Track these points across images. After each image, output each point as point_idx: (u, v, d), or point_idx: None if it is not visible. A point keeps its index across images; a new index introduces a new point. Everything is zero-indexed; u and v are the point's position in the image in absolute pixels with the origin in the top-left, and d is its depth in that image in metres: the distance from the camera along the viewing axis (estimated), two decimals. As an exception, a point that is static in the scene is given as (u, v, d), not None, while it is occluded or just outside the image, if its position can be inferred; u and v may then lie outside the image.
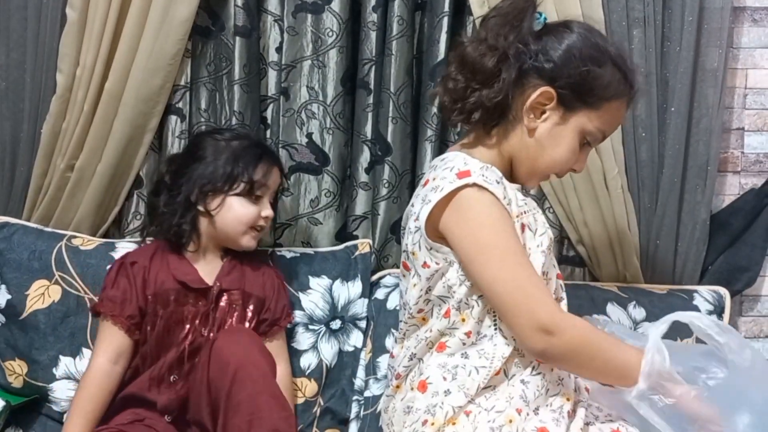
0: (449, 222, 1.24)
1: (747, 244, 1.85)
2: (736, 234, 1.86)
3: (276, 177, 1.64)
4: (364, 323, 1.74)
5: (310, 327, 1.70)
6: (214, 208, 1.56)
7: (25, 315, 1.64)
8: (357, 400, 1.69)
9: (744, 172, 1.92)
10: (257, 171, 1.57)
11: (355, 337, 1.72)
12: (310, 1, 1.81)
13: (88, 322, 1.64)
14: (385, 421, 1.36)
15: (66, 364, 1.63)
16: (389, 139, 1.81)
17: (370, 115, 1.82)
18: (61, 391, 1.63)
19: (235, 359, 1.38)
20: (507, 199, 1.25)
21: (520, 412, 1.22)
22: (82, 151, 1.74)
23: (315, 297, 1.72)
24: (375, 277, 1.80)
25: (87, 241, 1.73)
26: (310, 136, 1.85)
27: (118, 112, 1.73)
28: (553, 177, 1.75)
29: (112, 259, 1.66)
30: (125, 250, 1.68)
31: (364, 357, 1.72)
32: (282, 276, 1.68)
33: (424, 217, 1.25)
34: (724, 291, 1.80)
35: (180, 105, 1.80)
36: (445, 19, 1.77)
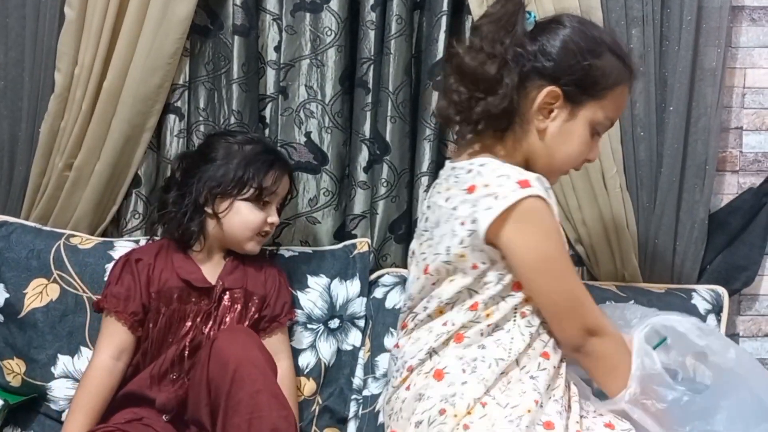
0: (512, 231, 1.23)
1: (745, 244, 1.85)
2: (735, 233, 1.86)
3: (285, 184, 1.64)
4: (362, 322, 1.74)
5: (309, 326, 1.70)
6: (222, 211, 1.56)
7: (23, 314, 1.64)
8: (355, 399, 1.69)
9: (742, 172, 1.92)
10: (267, 178, 1.58)
11: (354, 336, 1.72)
12: (308, 0, 1.81)
13: (86, 321, 1.65)
14: (387, 412, 1.35)
15: (64, 363, 1.63)
16: (388, 138, 1.81)
17: (369, 114, 1.82)
18: (59, 390, 1.63)
19: (235, 358, 1.39)
20: (556, 208, 1.28)
21: (538, 403, 1.24)
22: (80, 150, 1.74)
23: (313, 296, 1.72)
24: (373, 276, 1.80)
25: (85, 240, 1.73)
26: (308, 135, 1.85)
27: (117, 111, 1.73)
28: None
29: (111, 258, 1.66)
30: (124, 249, 1.68)
31: (363, 356, 1.72)
32: (284, 274, 1.68)
33: (486, 223, 1.23)
34: (722, 290, 1.80)
35: (178, 104, 1.80)
36: (444, 18, 1.77)
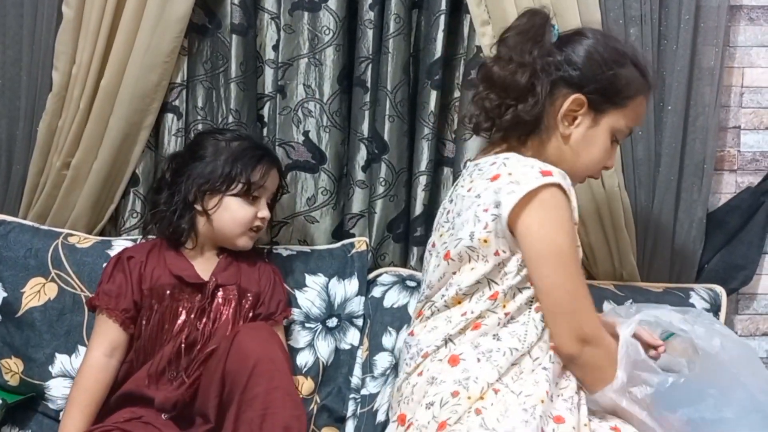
0: (530, 217, 1.27)
1: (743, 243, 1.86)
2: (733, 232, 1.86)
3: (275, 179, 1.64)
4: (360, 321, 1.74)
5: (307, 325, 1.70)
6: (211, 207, 1.57)
7: (21, 313, 1.64)
8: (354, 398, 1.69)
9: (740, 171, 1.92)
10: (255, 172, 1.58)
11: (352, 335, 1.72)
12: (306, -1, 1.82)
13: (84, 320, 1.64)
14: (396, 398, 1.37)
15: (62, 362, 1.63)
16: (386, 137, 1.81)
17: (367, 113, 1.82)
18: (57, 389, 1.62)
19: (256, 353, 1.39)
20: (575, 204, 1.31)
21: (549, 394, 1.26)
22: (78, 148, 1.74)
23: (311, 295, 1.72)
24: (372, 276, 1.80)
25: (83, 239, 1.72)
26: (306, 134, 1.85)
27: (114, 110, 1.72)
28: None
29: (109, 257, 1.65)
30: (121, 248, 1.67)
31: (361, 355, 1.72)
32: (279, 272, 1.68)
33: (509, 207, 1.27)
34: (720, 289, 1.80)
35: (176, 103, 1.80)
36: (442, 18, 1.77)
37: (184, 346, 1.52)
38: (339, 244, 1.82)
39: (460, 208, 1.35)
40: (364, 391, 1.68)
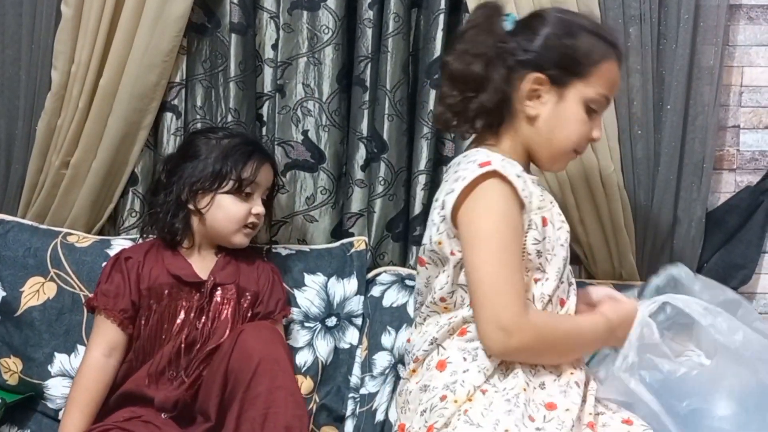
0: (465, 208, 1.28)
1: (742, 242, 1.85)
2: (732, 231, 1.86)
3: (267, 174, 1.63)
4: (359, 320, 1.73)
5: (306, 324, 1.70)
6: (204, 206, 1.57)
7: (20, 312, 1.64)
8: (353, 397, 1.69)
9: (740, 170, 1.92)
10: (246, 169, 1.58)
11: (351, 334, 1.72)
12: (306, -2, 1.82)
13: (83, 319, 1.64)
14: (399, 404, 1.38)
15: (61, 361, 1.63)
16: (385, 136, 1.81)
17: (366, 112, 1.82)
18: (56, 389, 1.62)
19: (259, 353, 1.39)
20: (527, 191, 1.30)
21: (529, 384, 1.27)
22: (77, 148, 1.74)
23: (310, 294, 1.72)
24: (371, 275, 1.80)
25: (82, 239, 1.72)
26: (305, 133, 1.85)
27: (113, 109, 1.72)
28: (551, 176, 1.76)
29: (108, 256, 1.65)
30: (121, 247, 1.68)
31: (360, 354, 1.72)
32: (278, 271, 1.68)
33: (450, 206, 1.29)
34: (719, 288, 1.80)
35: (175, 102, 1.80)
36: (441, 17, 1.77)
37: (183, 345, 1.52)
38: (338, 244, 1.82)
39: (431, 213, 1.38)
40: (363, 391, 1.68)
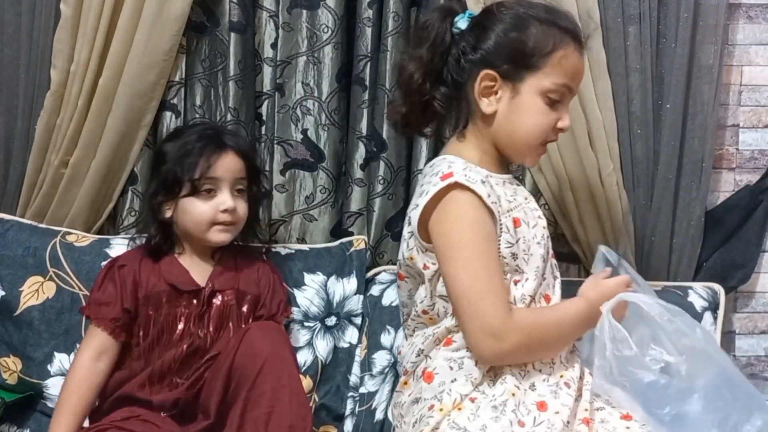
0: (432, 222, 1.29)
1: (742, 241, 1.86)
2: (731, 231, 1.86)
3: (231, 164, 1.55)
4: (359, 320, 1.73)
5: (306, 323, 1.70)
6: (170, 215, 1.55)
7: (19, 311, 1.64)
8: (352, 396, 1.69)
9: (739, 169, 1.92)
10: (198, 168, 1.51)
11: (350, 333, 1.72)
12: (305, -3, 1.81)
13: (82, 319, 1.64)
14: (395, 416, 1.39)
15: (60, 361, 1.63)
16: (384, 135, 1.81)
17: (366, 111, 1.82)
18: (55, 388, 1.62)
19: (265, 351, 1.39)
20: (493, 197, 1.29)
21: (520, 389, 1.27)
22: (76, 147, 1.73)
23: (310, 293, 1.72)
24: (370, 274, 1.80)
25: (81, 238, 1.72)
26: (305, 132, 1.85)
27: (112, 108, 1.72)
28: (550, 175, 1.76)
29: (107, 256, 1.65)
30: (120, 247, 1.67)
31: (360, 353, 1.72)
32: (278, 271, 1.67)
33: (415, 221, 1.30)
34: (718, 287, 1.80)
35: (175, 101, 1.80)
36: (441, 16, 1.77)
37: (185, 354, 1.51)
38: (337, 243, 1.81)
39: (406, 223, 1.38)
40: (362, 390, 1.68)
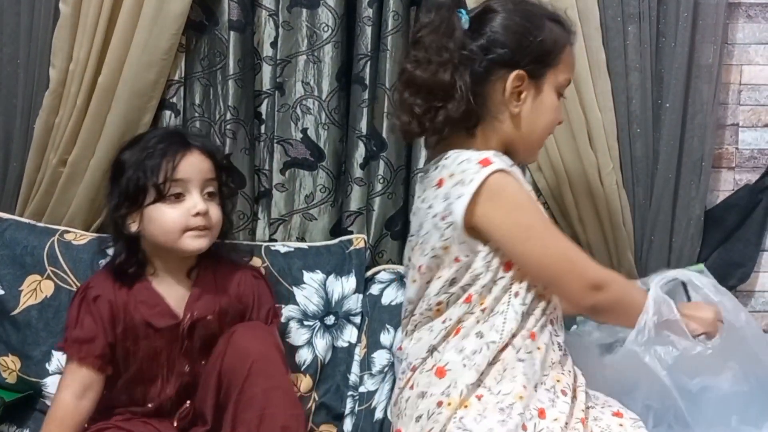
0: (486, 210, 1.28)
1: (741, 240, 1.86)
2: (731, 230, 1.86)
3: (197, 164, 1.45)
4: (358, 319, 1.73)
5: (305, 322, 1.70)
6: (137, 228, 1.44)
7: (17, 311, 1.64)
8: (351, 395, 1.69)
9: (738, 168, 1.92)
10: (161, 171, 1.41)
11: (350, 332, 1.72)
12: (304, -4, 1.81)
13: (81, 318, 1.64)
14: (395, 413, 1.38)
15: (59, 360, 1.62)
16: (384, 134, 1.81)
17: (366, 110, 1.82)
18: (54, 387, 1.60)
19: (253, 353, 1.38)
20: (521, 180, 1.33)
21: (527, 389, 1.27)
22: (74, 146, 1.73)
23: (309, 292, 1.72)
24: (369, 273, 1.79)
25: (80, 236, 1.72)
26: (305, 131, 1.84)
27: (112, 107, 1.72)
28: (549, 174, 1.77)
29: (105, 255, 1.64)
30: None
31: (359, 352, 1.72)
32: (260, 274, 1.61)
33: (461, 212, 1.27)
34: (718, 287, 1.80)
35: (174, 100, 1.80)
36: (440, 15, 1.77)
37: (176, 392, 1.48)
38: (336, 241, 1.81)
39: (421, 221, 1.35)
40: (362, 389, 1.68)
